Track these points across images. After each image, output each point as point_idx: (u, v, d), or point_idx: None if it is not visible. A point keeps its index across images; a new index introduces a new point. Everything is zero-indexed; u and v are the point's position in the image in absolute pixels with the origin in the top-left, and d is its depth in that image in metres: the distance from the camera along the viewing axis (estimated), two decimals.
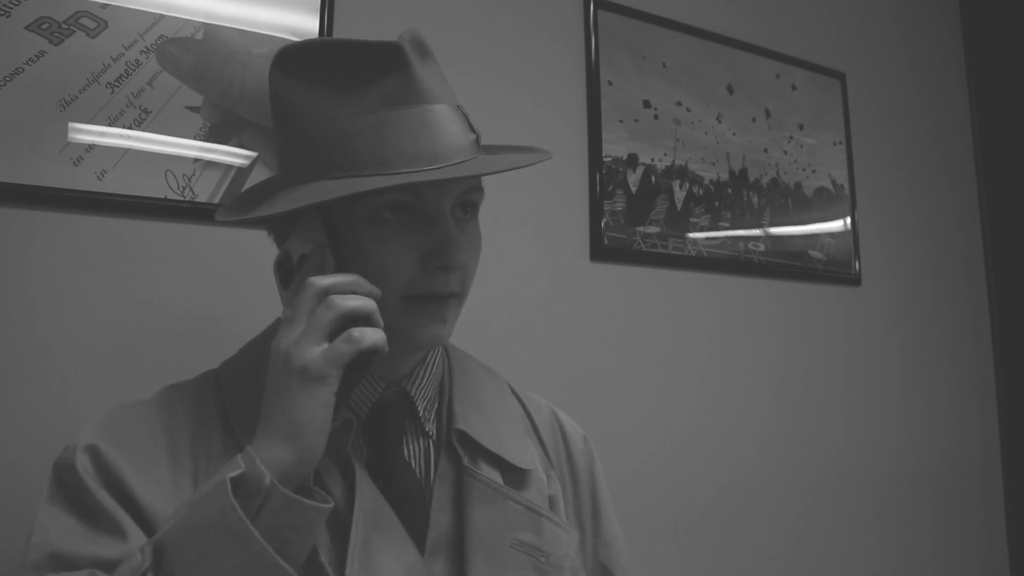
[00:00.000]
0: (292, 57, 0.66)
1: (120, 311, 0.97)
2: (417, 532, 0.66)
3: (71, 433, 0.91)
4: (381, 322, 0.59)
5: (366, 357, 0.58)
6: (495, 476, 0.70)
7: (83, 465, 0.59)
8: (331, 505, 0.56)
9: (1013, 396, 1.92)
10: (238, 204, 0.73)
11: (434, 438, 0.71)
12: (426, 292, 0.64)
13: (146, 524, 0.58)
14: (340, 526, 0.62)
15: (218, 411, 0.66)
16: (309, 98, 0.64)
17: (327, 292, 0.58)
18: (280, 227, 0.70)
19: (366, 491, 0.64)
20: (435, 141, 0.63)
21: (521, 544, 0.68)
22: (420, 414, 0.71)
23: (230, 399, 0.66)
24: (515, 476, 0.72)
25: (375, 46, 0.63)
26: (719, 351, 1.49)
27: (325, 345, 0.57)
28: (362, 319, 0.58)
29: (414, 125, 0.62)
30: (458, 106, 0.67)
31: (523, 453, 0.74)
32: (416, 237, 0.63)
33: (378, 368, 0.68)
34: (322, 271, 0.61)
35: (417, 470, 0.69)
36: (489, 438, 0.72)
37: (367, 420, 0.69)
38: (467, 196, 0.67)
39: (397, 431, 0.69)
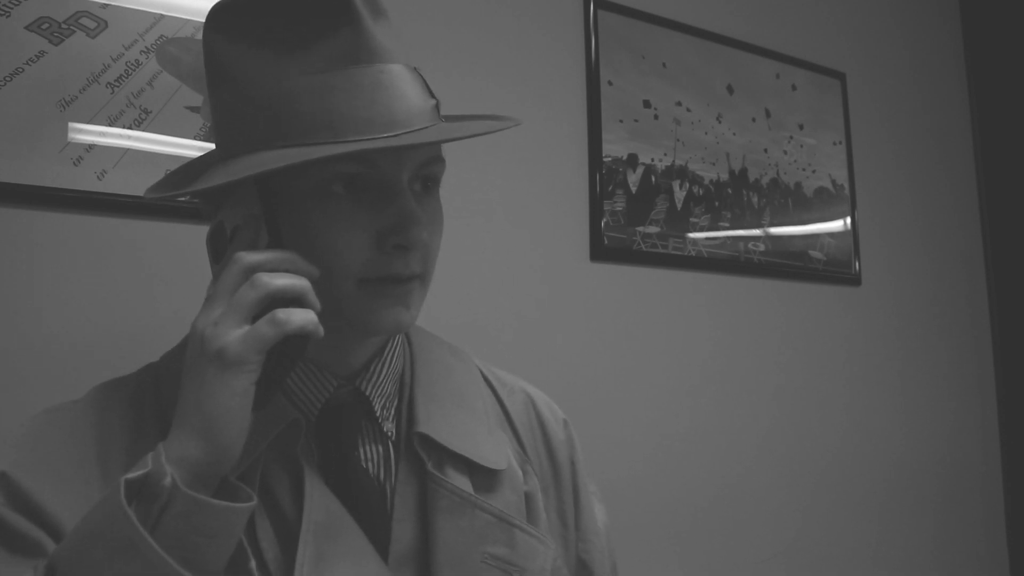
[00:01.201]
0: (227, 13, 0.58)
1: (120, 311, 0.97)
2: (379, 545, 0.59)
3: None
4: (316, 304, 0.53)
5: (294, 343, 0.52)
6: (463, 480, 0.63)
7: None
8: (249, 504, 0.50)
9: (1013, 396, 1.92)
10: (170, 180, 0.66)
11: (393, 439, 0.65)
12: (384, 275, 0.57)
13: (60, 537, 0.52)
14: (290, 536, 0.56)
15: (156, 410, 0.60)
16: (247, 58, 0.57)
17: (254, 269, 0.52)
18: (216, 201, 0.61)
19: (317, 499, 0.57)
20: (390, 105, 0.55)
21: (493, 558, 0.62)
22: (377, 414, 0.64)
23: (168, 396, 0.59)
24: (486, 478, 0.65)
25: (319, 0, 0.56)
26: (719, 351, 1.49)
27: (247, 328, 0.50)
28: (292, 300, 0.52)
29: (366, 87, 0.55)
30: (414, 68, 0.60)
31: (494, 451, 0.66)
32: (370, 214, 0.56)
33: (328, 364, 0.62)
34: (254, 246, 0.55)
35: (376, 476, 0.63)
36: (455, 439, 0.64)
37: (318, 422, 0.62)
38: (427, 168, 0.60)
39: (351, 434, 0.62)
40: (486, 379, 0.74)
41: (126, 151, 0.99)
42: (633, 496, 1.33)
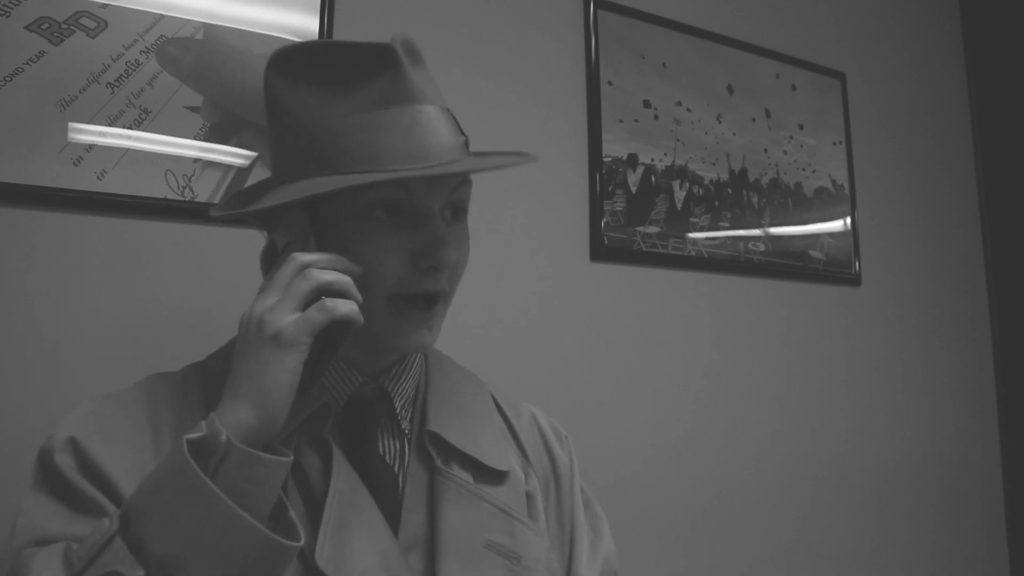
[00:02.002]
0: (285, 57, 0.67)
1: (120, 311, 0.97)
2: (391, 522, 0.66)
3: None
4: (358, 297, 0.60)
5: (339, 329, 0.59)
6: (467, 477, 0.70)
7: (61, 458, 0.60)
8: (290, 458, 0.57)
9: (1013, 396, 1.92)
10: (231, 201, 0.75)
11: (409, 436, 0.72)
12: (416, 291, 0.65)
13: (120, 501, 0.59)
14: (316, 507, 0.63)
15: (201, 400, 0.67)
16: (301, 97, 0.65)
17: (307, 266, 0.59)
18: (269, 222, 0.71)
19: (343, 472, 0.64)
20: (425, 140, 0.64)
21: (494, 545, 0.68)
22: (397, 411, 0.71)
23: (212, 389, 0.66)
24: (490, 477, 0.72)
25: (367, 47, 0.64)
26: (719, 351, 1.49)
27: (299, 314, 0.58)
28: (338, 292, 0.59)
29: (404, 124, 0.63)
30: (447, 109, 0.68)
31: (499, 455, 0.73)
32: (405, 236, 0.64)
33: (357, 362, 0.70)
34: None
35: (393, 466, 0.69)
36: (463, 439, 0.71)
37: (344, 413, 0.69)
38: (456, 196, 0.67)
39: (372, 426, 0.70)
40: (495, 399, 0.82)
41: (126, 151, 0.99)
42: (633, 496, 1.33)
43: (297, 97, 0.65)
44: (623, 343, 1.37)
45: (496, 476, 0.72)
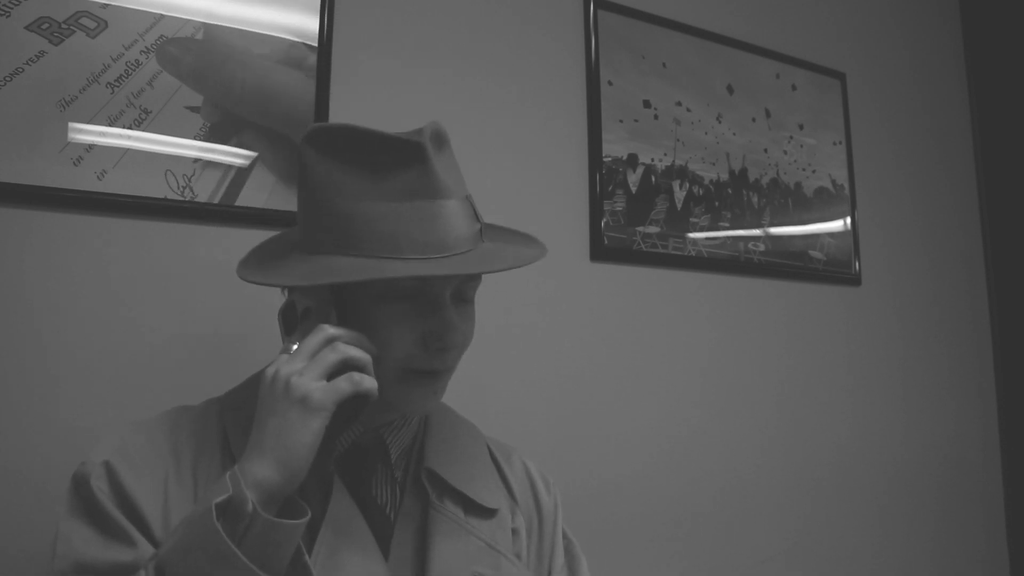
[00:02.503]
0: (323, 135, 0.72)
1: (120, 311, 0.97)
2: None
3: (70, 433, 0.91)
4: (373, 375, 0.66)
5: (360, 401, 0.65)
6: (459, 513, 0.75)
7: (97, 483, 0.65)
8: (307, 517, 0.62)
9: (1013, 396, 1.92)
10: (259, 262, 0.79)
11: (400, 482, 0.76)
12: (424, 368, 0.70)
13: (150, 535, 0.64)
14: (314, 532, 0.68)
15: (219, 436, 0.72)
16: (333, 176, 0.70)
17: (335, 339, 0.65)
18: (293, 292, 0.77)
19: (341, 501, 0.70)
20: (444, 233, 0.69)
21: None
22: (392, 460, 0.76)
23: (231, 426, 0.72)
24: (479, 514, 0.76)
25: (401, 141, 0.69)
26: (719, 351, 1.49)
27: (325, 382, 0.63)
28: (359, 368, 0.65)
29: (427, 217, 0.68)
30: (467, 196, 0.73)
31: (489, 494, 0.78)
32: (419, 319, 0.70)
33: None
34: (326, 323, 0.68)
35: (385, 507, 0.74)
36: (457, 478, 0.77)
37: (343, 458, 0.74)
38: (465, 285, 0.73)
39: (369, 471, 0.75)
40: (488, 447, 0.87)
41: (126, 151, 0.99)
42: (633, 496, 1.33)
43: (329, 175, 0.70)
44: (623, 343, 1.37)
45: (485, 513, 0.77)
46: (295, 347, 0.66)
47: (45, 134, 0.94)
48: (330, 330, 0.66)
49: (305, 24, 1.13)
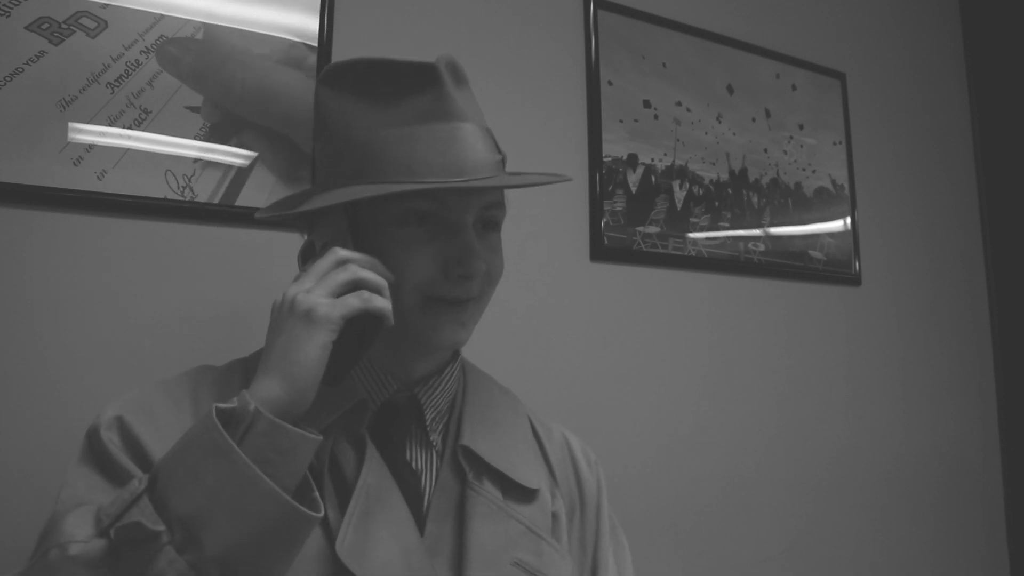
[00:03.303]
0: (336, 72, 0.70)
1: (120, 311, 0.97)
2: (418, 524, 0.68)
3: (70, 432, 0.91)
4: (390, 300, 0.63)
5: (371, 323, 0.62)
6: (497, 493, 0.71)
7: (107, 435, 0.63)
8: (318, 438, 0.59)
9: (1013, 396, 1.92)
10: (276, 206, 0.78)
11: (438, 449, 0.73)
12: (446, 295, 0.67)
13: None
14: (346, 498, 0.65)
15: (243, 385, 0.68)
16: (345, 109, 0.69)
17: (347, 260, 0.63)
18: (309, 224, 0.74)
19: (374, 466, 0.66)
20: (462, 156, 0.66)
21: (521, 563, 0.68)
22: (427, 423, 0.72)
23: (254, 375, 0.69)
24: (519, 495, 0.73)
25: (411, 65, 0.67)
26: (719, 351, 1.49)
27: (333, 298, 0.60)
28: (373, 291, 0.62)
29: (443, 139, 0.66)
30: (487, 129, 0.71)
31: (529, 472, 0.74)
32: (438, 244, 0.67)
33: (392, 369, 0.71)
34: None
35: (419, 473, 0.71)
36: (495, 456, 0.73)
37: (375, 418, 0.71)
38: (489, 212, 0.70)
39: (401, 434, 0.71)
40: (529, 418, 0.83)
41: (126, 151, 0.99)
42: (633, 495, 1.33)
43: (341, 109, 0.69)
44: (623, 343, 1.37)
45: (525, 494, 0.73)
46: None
47: (45, 134, 0.94)
48: (342, 252, 0.63)
49: (305, 24, 1.13)
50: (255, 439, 0.55)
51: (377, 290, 0.62)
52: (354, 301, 0.60)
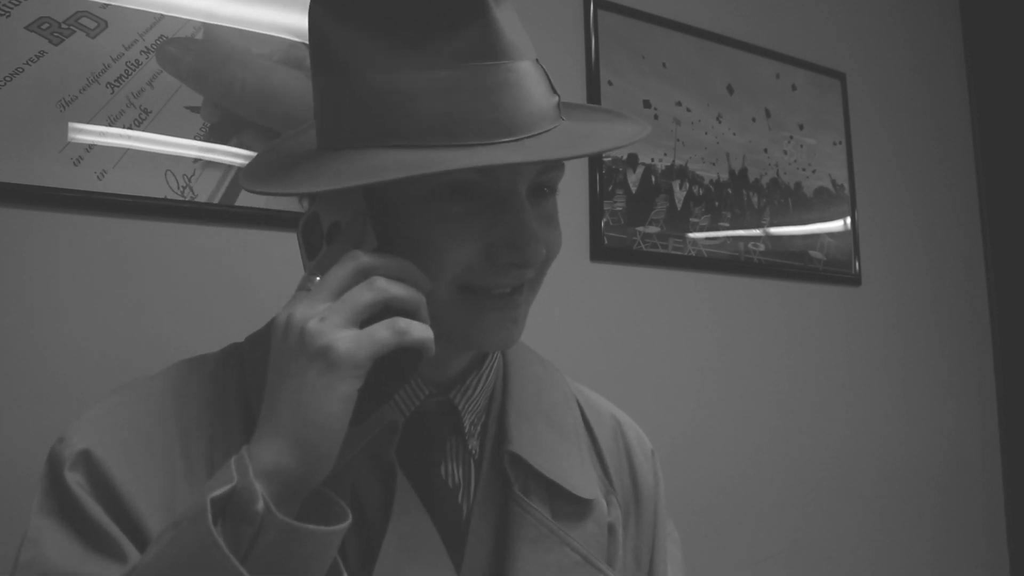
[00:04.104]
0: None
1: (119, 311, 0.97)
2: (454, 560, 0.55)
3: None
4: (428, 321, 0.49)
5: (409, 358, 0.47)
6: (545, 508, 0.58)
7: (73, 477, 0.50)
8: (347, 523, 0.45)
9: (1013, 396, 1.92)
10: (269, 170, 0.59)
11: (476, 458, 0.60)
12: (491, 287, 0.53)
13: (145, 541, 0.48)
14: (371, 544, 0.52)
15: (239, 392, 0.56)
16: (360, 45, 0.52)
17: (371, 271, 0.47)
18: (315, 201, 0.58)
19: (407, 506, 0.53)
20: (515, 107, 0.51)
21: None
22: (465, 429, 0.59)
23: (252, 378, 0.56)
24: (572, 506, 0.60)
25: None
26: (719, 351, 1.49)
27: (357, 329, 0.46)
28: (407, 311, 0.47)
29: (490, 87, 0.50)
30: (537, 61, 0.55)
31: (583, 479, 0.61)
32: (483, 223, 0.52)
33: (423, 370, 0.56)
34: (359, 247, 0.50)
35: (456, 492, 0.58)
36: (546, 462, 0.59)
37: (404, 430, 0.57)
38: (545, 176, 0.56)
39: (438, 447, 0.58)
40: (578, 403, 0.70)
41: (126, 151, 0.99)
42: None
43: (353, 44, 0.52)
44: (623, 343, 1.37)
45: (579, 507, 0.60)
46: (316, 280, 0.49)
47: (45, 134, 0.94)
48: (364, 259, 0.48)
49: (305, 24, 1.12)
50: (267, 551, 0.42)
51: (413, 312, 0.48)
52: (385, 335, 0.46)
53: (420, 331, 0.47)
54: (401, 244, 0.51)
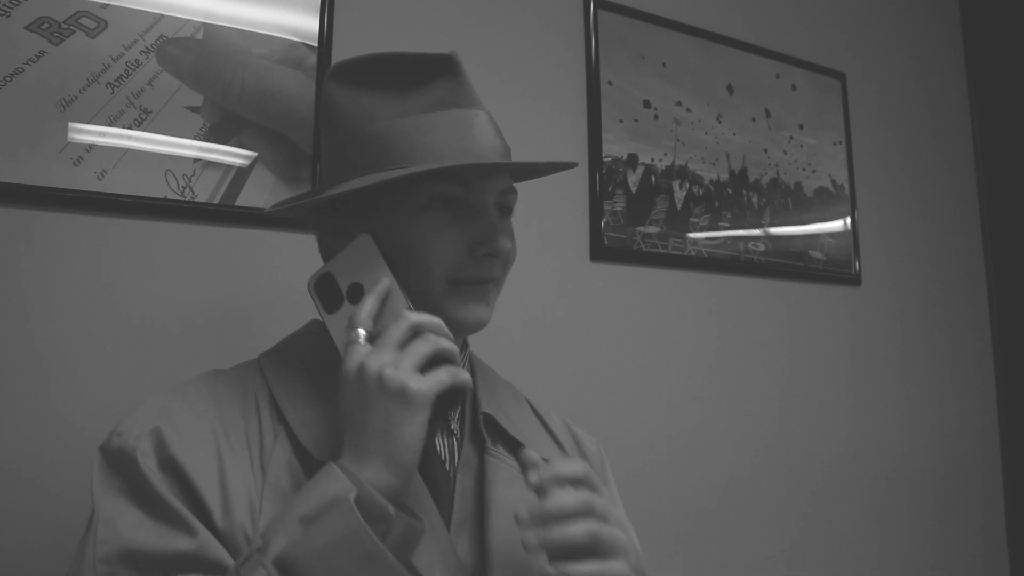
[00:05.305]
0: (347, 68, 0.71)
1: (120, 311, 0.97)
2: (444, 514, 0.68)
3: (69, 432, 0.91)
4: (462, 365, 0.65)
5: (456, 394, 0.63)
6: (512, 460, 0.72)
7: (144, 459, 0.60)
8: (424, 521, 0.60)
9: (1013, 396, 1.92)
10: (289, 200, 0.77)
11: (457, 435, 0.74)
12: (472, 277, 0.68)
13: (208, 519, 0.59)
14: None
15: (263, 397, 0.68)
16: (361, 103, 0.69)
17: (422, 328, 0.62)
18: (326, 231, 0.73)
19: (415, 492, 0.66)
20: (481, 141, 0.68)
21: None
22: (448, 414, 0.74)
23: (277, 385, 0.69)
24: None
25: (430, 56, 0.69)
26: (719, 351, 1.49)
27: (420, 374, 0.60)
28: (450, 359, 0.62)
29: (464, 125, 0.68)
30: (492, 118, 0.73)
31: (542, 445, 0.77)
32: (462, 228, 0.68)
33: None
34: (380, 278, 0.66)
35: (445, 464, 0.72)
36: (511, 426, 0.75)
37: None
38: (505, 196, 0.72)
39: (432, 428, 0.69)
40: (528, 402, 0.86)
41: (126, 151, 0.99)
42: (632, 495, 1.32)
43: (357, 103, 0.69)
44: (623, 343, 1.37)
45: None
46: (362, 333, 0.62)
47: (45, 134, 0.94)
48: (415, 318, 0.62)
49: (305, 24, 1.13)
50: (393, 541, 0.56)
51: (455, 359, 0.62)
52: (445, 377, 0.60)
53: (465, 375, 0.62)
54: (401, 251, 0.67)
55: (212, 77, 1.05)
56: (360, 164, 0.67)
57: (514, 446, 0.73)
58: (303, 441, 0.64)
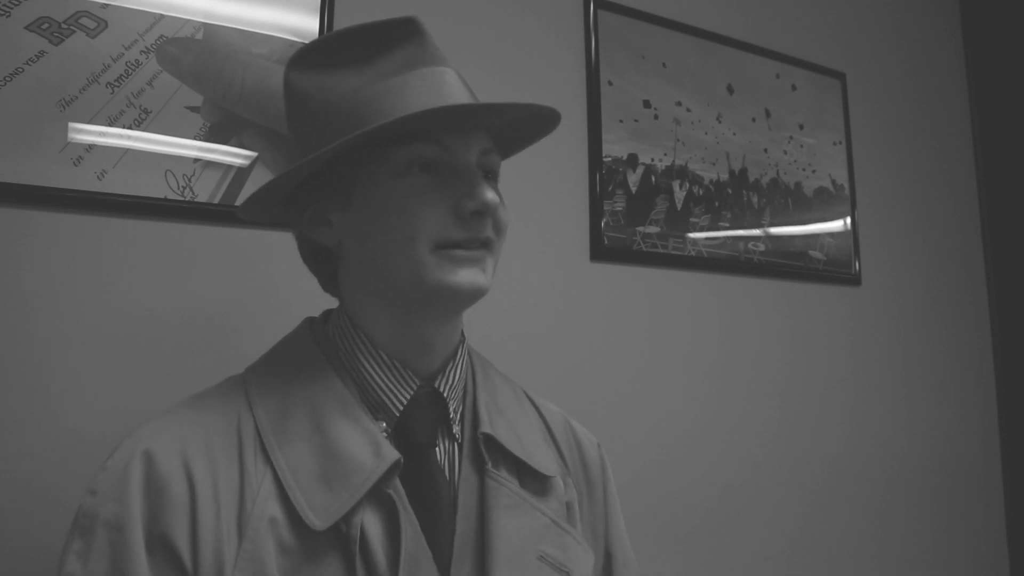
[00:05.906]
0: (306, 53, 0.68)
1: (119, 311, 0.97)
2: (446, 539, 0.64)
3: (67, 433, 0.91)
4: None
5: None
6: (514, 481, 0.68)
7: (119, 521, 0.56)
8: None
9: (1013, 396, 1.92)
10: (255, 199, 0.69)
11: (459, 441, 0.70)
12: (461, 239, 0.64)
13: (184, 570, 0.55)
14: (381, 568, 0.59)
15: (247, 427, 0.62)
16: (324, 83, 0.66)
17: None
18: (303, 222, 0.69)
19: (409, 533, 0.61)
20: (454, 95, 0.65)
21: (547, 558, 0.66)
22: (450, 415, 0.69)
23: (263, 413, 0.63)
24: (536, 483, 0.70)
25: (390, 21, 0.67)
26: (719, 351, 1.49)
27: None
28: None
29: (435, 82, 0.65)
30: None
31: (545, 459, 0.72)
32: (446, 189, 0.64)
33: (409, 361, 0.68)
34: None
35: (447, 474, 0.68)
36: (513, 443, 0.70)
37: (400, 420, 0.67)
38: (487, 158, 0.68)
39: (431, 432, 0.68)
40: (529, 398, 0.81)
41: (126, 151, 0.99)
42: (632, 495, 1.32)
43: (320, 85, 0.66)
44: (623, 343, 1.37)
45: (542, 483, 0.71)
46: None
47: (45, 134, 0.94)
48: None
49: (305, 24, 1.13)
50: None
51: None
52: None
53: None
54: (382, 216, 0.63)
55: (212, 77, 1.05)
56: (330, 132, 0.64)
57: (516, 464, 0.69)
58: (294, 501, 0.58)
